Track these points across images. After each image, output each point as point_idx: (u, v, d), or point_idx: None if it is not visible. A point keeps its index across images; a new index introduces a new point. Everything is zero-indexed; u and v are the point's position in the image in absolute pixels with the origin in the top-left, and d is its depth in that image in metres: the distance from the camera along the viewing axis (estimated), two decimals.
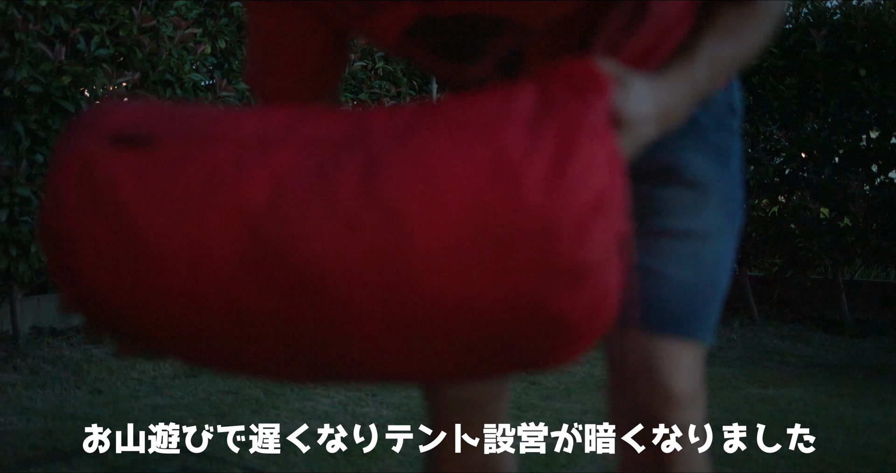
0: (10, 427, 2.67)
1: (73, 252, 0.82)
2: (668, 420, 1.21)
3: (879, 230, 4.77)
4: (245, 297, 0.79)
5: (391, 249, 0.76)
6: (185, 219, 0.78)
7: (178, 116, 0.86)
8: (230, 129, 0.82)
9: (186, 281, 0.79)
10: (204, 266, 0.78)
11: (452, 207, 0.76)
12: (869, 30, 4.67)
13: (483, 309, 0.79)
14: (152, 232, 0.78)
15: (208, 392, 3.14)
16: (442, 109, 0.83)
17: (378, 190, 0.76)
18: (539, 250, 0.77)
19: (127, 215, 0.79)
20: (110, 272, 0.80)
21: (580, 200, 0.77)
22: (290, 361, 0.86)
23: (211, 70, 4.16)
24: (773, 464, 2.48)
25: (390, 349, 0.82)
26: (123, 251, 0.79)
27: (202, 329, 0.82)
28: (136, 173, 0.80)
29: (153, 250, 0.78)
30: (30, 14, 3.29)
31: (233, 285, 0.78)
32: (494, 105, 0.81)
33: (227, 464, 2.36)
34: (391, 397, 3.12)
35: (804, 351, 4.36)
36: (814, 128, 4.82)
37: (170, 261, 0.78)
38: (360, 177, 0.77)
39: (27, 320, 3.81)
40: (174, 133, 0.82)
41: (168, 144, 0.81)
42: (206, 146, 0.80)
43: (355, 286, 0.77)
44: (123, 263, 0.80)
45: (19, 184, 3.30)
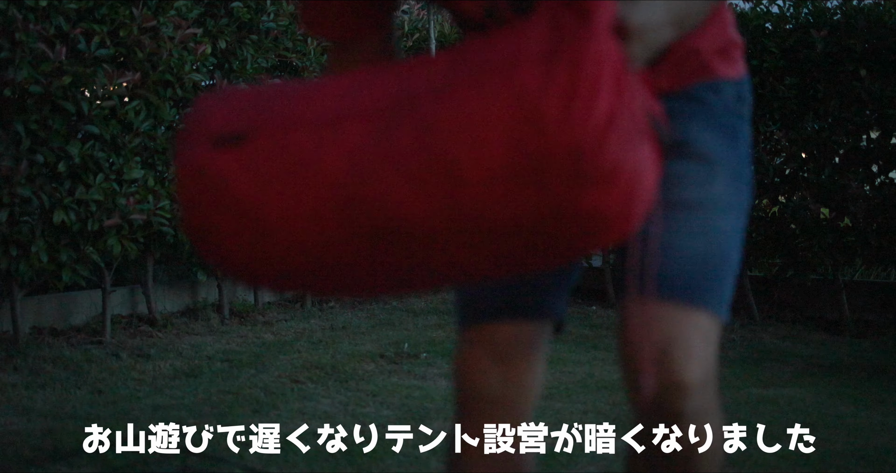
0: (10, 427, 2.67)
1: (212, 241, 1.06)
2: (679, 387, 1.23)
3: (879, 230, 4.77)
4: (342, 243, 1.01)
5: (451, 193, 0.96)
6: (286, 196, 0.99)
7: (261, 107, 1.03)
8: (304, 114, 1.00)
9: (298, 241, 1.02)
10: (308, 228, 1.00)
11: (492, 149, 0.94)
12: (869, 30, 4.66)
13: (533, 218, 0.99)
14: (264, 211, 1.00)
15: (208, 392, 3.14)
16: (468, 57, 0.99)
17: (431, 147, 0.95)
18: (568, 166, 0.94)
19: (241, 203, 1.00)
20: (243, 247, 1.04)
21: (594, 120, 0.93)
22: (378, 282, 1.11)
23: (211, 70, 4.16)
24: (773, 464, 2.48)
25: (460, 257, 1.04)
26: (247, 229, 1.02)
27: (315, 270, 1.06)
28: (239, 168, 1.00)
29: (269, 224, 1.01)
30: (30, 14, 3.29)
31: (332, 237, 1.01)
32: (511, 46, 0.97)
33: (227, 464, 2.36)
34: (391, 397, 3.13)
35: (804, 351, 4.36)
36: (814, 128, 4.82)
37: (283, 230, 1.01)
38: (414, 139, 0.96)
39: (27, 320, 3.81)
40: (260, 125, 1.00)
41: (257, 138, 1.00)
42: (288, 134, 0.99)
43: (425, 224, 0.98)
44: (250, 238, 1.02)
45: (19, 184, 3.30)
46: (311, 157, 0.98)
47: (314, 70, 4.73)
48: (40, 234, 3.43)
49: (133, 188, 3.68)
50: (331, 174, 0.98)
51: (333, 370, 3.49)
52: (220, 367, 3.53)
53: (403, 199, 0.98)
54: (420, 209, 0.98)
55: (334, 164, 0.98)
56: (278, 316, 4.55)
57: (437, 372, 3.54)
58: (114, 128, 3.59)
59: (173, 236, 3.91)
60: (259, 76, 4.32)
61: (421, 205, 0.98)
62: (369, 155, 0.97)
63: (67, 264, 3.54)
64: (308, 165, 0.99)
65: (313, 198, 0.99)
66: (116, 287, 4.12)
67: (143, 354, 3.63)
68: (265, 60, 4.40)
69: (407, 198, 0.97)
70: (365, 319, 4.63)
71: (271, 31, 4.40)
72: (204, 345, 3.85)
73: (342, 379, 3.38)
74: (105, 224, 3.55)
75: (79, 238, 3.57)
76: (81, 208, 3.50)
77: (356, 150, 0.98)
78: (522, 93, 0.93)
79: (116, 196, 3.58)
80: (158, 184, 3.84)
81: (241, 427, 2.46)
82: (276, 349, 3.86)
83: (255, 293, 4.74)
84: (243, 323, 4.37)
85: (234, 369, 3.50)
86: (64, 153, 3.45)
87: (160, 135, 3.81)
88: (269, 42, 4.39)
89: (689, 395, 1.24)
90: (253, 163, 1.00)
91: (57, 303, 3.99)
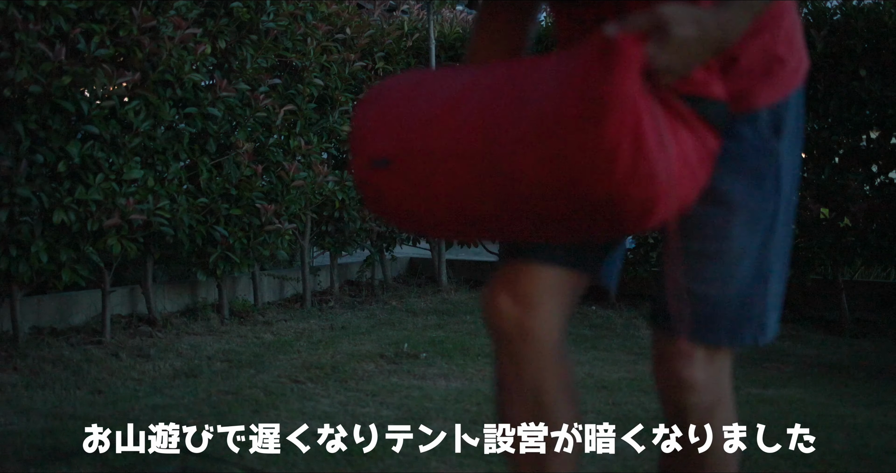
0: (10, 427, 2.67)
1: (384, 216, 1.48)
2: (686, 403, 1.42)
3: (879, 230, 4.77)
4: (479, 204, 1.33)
5: (512, 195, 1.28)
6: (418, 204, 1.38)
7: (402, 135, 1.36)
8: (427, 145, 1.34)
9: (433, 222, 1.43)
10: (431, 220, 1.42)
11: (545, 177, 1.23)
12: (869, 30, 4.66)
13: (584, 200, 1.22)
14: (411, 210, 1.41)
15: (208, 392, 3.14)
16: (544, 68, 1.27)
17: (509, 175, 1.26)
18: (606, 173, 1.17)
19: (393, 205, 1.41)
20: (403, 221, 1.48)
21: (619, 170, 1.16)
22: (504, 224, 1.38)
23: (211, 70, 4.16)
24: (773, 464, 2.48)
25: (527, 227, 1.35)
26: (401, 216, 1.44)
27: (458, 224, 1.43)
28: (388, 183, 1.38)
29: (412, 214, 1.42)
30: (30, 14, 3.29)
31: (448, 221, 1.41)
32: (568, 69, 1.21)
33: (227, 464, 2.36)
34: (391, 397, 3.13)
35: (804, 351, 4.35)
36: (814, 128, 4.82)
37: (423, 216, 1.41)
38: (521, 135, 1.24)
39: (27, 320, 3.81)
40: (400, 154, 1.36)
41: (399, 162, 1.36)
42: (416, 162, 1.35)
43: (536, 192, 1.25)
44: (406, 218, 1.44)
45: (19, 184, 3.30)
46: (430, 180, 1.35)
47: (314, 70, 4.74)
48: (40, 234, 3.43)
49: (133, 188, 3.68)
50: (444, 195, 1.35)
51: (333, 370, 3.49)
52: (220, 367, 3.52)
53: (485, 207, 1.33)
54: (489, 209, 1.33)
55: (443, 189, 1.34)
56: (278, 316, 4.55)
57: (437, 372, 3.54)
58: (113, 128, 3.59)
59: (173, 236, 3.91)
60: (259, 76, 4.33)
61: (540, 173, 1.24)
62: (465, 191, 1.33)
63: (67, 264, 3.54)
64: (429, 186, 1.35)
65: (434, 208, 1.38)
66: (116, 287, 4.12)
67: (142, 354, 3.63)
68: (265, 60, 4.40)
69: (485, 205, 1.32)
70: (365, 319, 4.63)
71: (271, 30, 4.40)
72: (204, 345, 3.85)
73: (342, 379, 3.38)
74: (105, 224, 3.55)
75: (78, 238, 3.57)
76: (81, 208, 3.50)
77: (458, 186, 1.33)
78: (562, 149, 1.19)
79: (116, 196, 3.58)
80: (158, 184, 3.84)
81: (241, 427, 2.46)
82: (275, 349, 3.86)
83: (254, 293, 4.74)
84: (243, 323, 4.37)
85: (234, 369, 3.50)
86: (64, 153, 3.45)
87: (160, 135, 3.81)
88: (268, 42, 4.39)
89: (692, 390, 1.41)
90: (396, 181, 1.37)
91: (57, 303, 3.99)
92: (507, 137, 1.25)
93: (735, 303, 1.40)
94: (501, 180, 1.27)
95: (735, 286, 1.39)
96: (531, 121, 1.22)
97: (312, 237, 5.05)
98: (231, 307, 4.53)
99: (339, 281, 5.38)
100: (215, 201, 4.12)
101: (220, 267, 4.25)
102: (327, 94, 4.95)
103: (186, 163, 4.10)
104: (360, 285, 5.56)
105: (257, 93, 4.29)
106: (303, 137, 4.67)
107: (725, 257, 1.39)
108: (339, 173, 4.97)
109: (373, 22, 5.66)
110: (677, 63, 1.19)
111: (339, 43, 5.04)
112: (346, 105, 5.03)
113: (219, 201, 4.14)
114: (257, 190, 4.28)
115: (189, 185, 4.09)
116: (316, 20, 4.81)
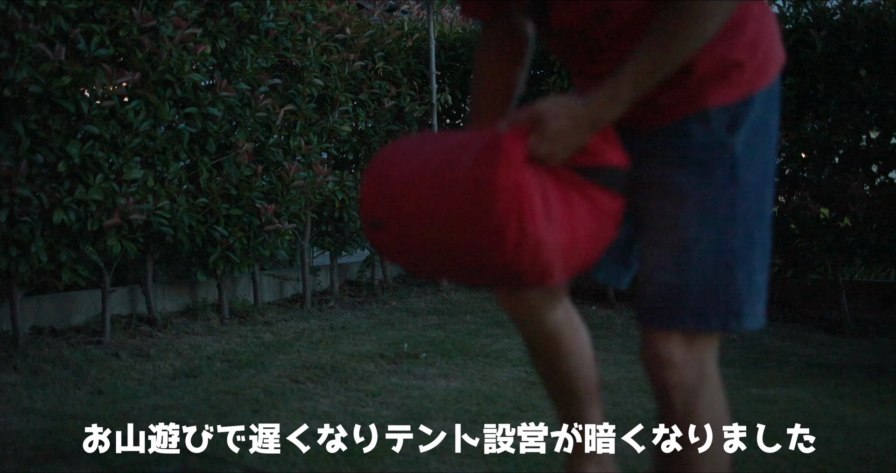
0: (10, 427, 2.67)
1: (401, 266, 1.82)
2: (667, 381, 1.52)
3: (879, 230, 4.77)
4: (422, 262, 1.63)
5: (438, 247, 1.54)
6: (405, 255, 1.63)
7: (388, 204, 1.57)
8: (403, 210, 1.54)
9: (415, 262, 1.65)
10: (414, 263, 1.66)
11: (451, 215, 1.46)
12: (869, 30, 4.66)
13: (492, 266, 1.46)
14: (404, 260, 1.65)
15: (208, 392, 3.14)
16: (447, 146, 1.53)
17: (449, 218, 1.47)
18: (498, 247, 1.40)
19: (389, 255, 1.66)
20: (399, 260, 1.67)
21: (510, 224, 1.37)
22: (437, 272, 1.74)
23: (211, 70, 4.16)
24: (773, 464, 2.48)
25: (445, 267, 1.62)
26: (399, 258, 1.66)
27: (438, 272, 1.75)
28: (383, 241, 1.62)
29: (403, 260, 1.66)
30: (30, 14, 3.29)
31: (420, 260, 1.63)
32: (467, 150, 1.45)
33: (227, 464, 2.35)
34: (391, 397, 3.13)
35: (804, 351, 4.36)
36: (814, 128, 4.82)
37: (409, 259, 1.64)
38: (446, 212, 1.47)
39: (27, 320, 3.81)
40: (387, 219, 1.58)
41: (386, 228, 1.59)
42: (396, 225, 1.57)
43: (462, 259, 1.49)
44: (402, 258, 1.65)
45: (19, 184, 3.30)
46: (406, 239, 1.57)
47: (314, 70, 4.74)
48: (40, 234, 3.43)
49: (133, 188, 3.68)
50: (418, 251, 1.58)
51: (333, 370, 3.49)
52: (220, 367, 3.53)
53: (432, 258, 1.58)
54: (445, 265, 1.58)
55: (415, 246, 1.57)
56: (278, 316, 4.55)
57: (437, 372, 3.54)
58: (113, 128, 3.59)
59: (173, 236, 3.91)
60: (259, 76, 4.33)
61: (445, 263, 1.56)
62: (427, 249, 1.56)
63: (67, 264, 3.54)
64: (406, 243, 1.58)
65: (415, 260, 1.63)
66: (116, 287, 4.12)
67: (142, 354, 3.63)
68: (265, 60, 4.40)
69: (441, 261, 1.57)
70: (365, 319, 4.63)
71: (271, 30, 4.40)
72: (204, 345, 3.85)
73: (342, 379, 3.38)
74: (105, 224, 3.55)
75: (78, 238, 3.57)
76: (81, 208, 3.50)
77: (420, 246, 1.57)
78: (466, 228, 1.43)
79: (116, 196, 3.58)
80: (158, 184, 3.84)
81: (241, 427, 2.46)
82: (275, 349, 3.86)
83: (254, 293, 4.74)
84: (243, 323, 4.37)
85: (234, 369, 3.50)
86: (64, 153, 3.45)
87: (160, 135, 3.81)
88: (268, 42, 4.39)
89: (671, 368, 1.51)
90: (387, 239, 1.61)
91: (57, 303, 3.99)
92: (438, 211, 1.48)
93: (696, 290, 1.48)
94: (439, 245, 1.51)
95: (694, 273, 1.48)
96: (450, 201, 1.45)
97: (312, 237, 5.05)
98: (231, 307, 4.53)
99: (339, 281, 5.38)
100: (215, 201, 4.12)
101: (220, 267, 4.26)
102: (327, 94, 4.96)
103: (186, 163, 4.10)
104: (360, 285, 5.56)
105: (257, 93, 4.29)
106: (303, 137, 4.67)
107: (680, 245, 1.49)
108: (339, 173, 4.97)
109: (373, 22, 5.66)
110: (557, 150, 1.40)
111: (339, 43, 5.04)
112: (346, 105, 5.04)
113: (219, 201, 4.14)
114: (257, 190, 4.28)
115: (189, 185, 4.09)
116: (316, 20, 4.81)
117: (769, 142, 1.55)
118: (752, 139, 1.51)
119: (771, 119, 1.55)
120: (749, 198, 1.50)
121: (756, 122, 1.51)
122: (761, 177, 1.53)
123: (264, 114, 4.33)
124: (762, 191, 1.53)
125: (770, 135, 1.55)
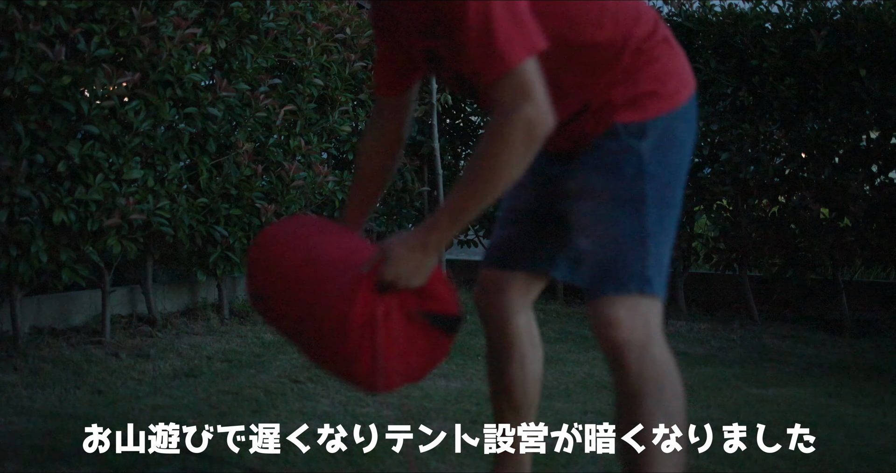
0: (10, 427, 2.67)
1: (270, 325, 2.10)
2: (616, 340, 1.69)
3: (879, 230, 4.77)
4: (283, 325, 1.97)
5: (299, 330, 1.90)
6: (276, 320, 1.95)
7: (269, 279, 1.89)
8: (277, 289, 1.87)
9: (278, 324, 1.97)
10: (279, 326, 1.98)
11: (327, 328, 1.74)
12: (869, 30, 4.67)
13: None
14: (274, 322, 1.98)
15: (208, 392, 3.14)
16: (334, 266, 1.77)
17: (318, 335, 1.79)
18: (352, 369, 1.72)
19: (267, 318, 2.01)
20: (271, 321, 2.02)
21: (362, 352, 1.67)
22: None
23: (211, 70, 4.16)
24: (773, 464, 2.48)
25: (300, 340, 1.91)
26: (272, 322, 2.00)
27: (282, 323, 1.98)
28: (260, 311, 1.99)
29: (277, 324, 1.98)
30: (30, 14, 3.29)
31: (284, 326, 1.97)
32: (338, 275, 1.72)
33: (227, 464, 2.36)
34: (391, 397, 3.12)
35: (804, 351, 4.36)
36: (814, 128, 4.82)
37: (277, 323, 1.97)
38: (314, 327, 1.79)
39: (27, 320, 3.81)
40: (266, 294, 1.91)
41: (267, 300, 1.91)
42: (269, 299, 1.91)
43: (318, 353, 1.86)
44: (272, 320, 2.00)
45: (19, 184, 3.30)
46: (277, 315, 1.92)
47: (314, 70, 4.74)
48: (40, 234, 3.43)
49: (133, 188, 3.67)
50: (284, 320, 1.92)
51: None
52: (220, 367, 3.53)
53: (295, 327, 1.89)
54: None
55: (285, 321, 1.91)
56: None
57: (437, 372, 3.54)
58: (113, 128, 3.59)
59: (172, 236, 3.91)
60: (259, 76, 4.33)
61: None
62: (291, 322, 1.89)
63: (67, 264, 3.54)
64: (277, 317, 1.93)
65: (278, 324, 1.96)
66: (116, 287, 4.12)
67: (142, 354, 3.63)
68: (265, 60, 4.39)
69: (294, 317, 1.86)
70: None
71: (271, 30, 4.40)
72: (204, 345, 3.85)
73: None
74: (105, 224, 3.55)
75: (78, 238, 3.57)
76: (81, 208, 3.50)
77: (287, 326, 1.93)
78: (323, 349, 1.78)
79: (116, 196, 3.58)
80: (158, 184, 3.84)
81: (241, 427, 2.46)
82: (276, 349, 3.86)
83: None
84: (243, 323, 4.37)
85: (234, 369, 3.50)
86: (64, 153, 3.45)
87: (160, 135, 3.81)
88: (268, 42, 4.39)
89: (619, 326, 1.68)
90: (265, 309, 1.95)
91: (57, 303, 3.99)
92: (306, 316, 1.77)
93: (618, 261, 1.72)
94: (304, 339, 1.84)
95: (614, 247, 1.73)
96: (316, 316, 1.73)
97: None
98: (231, 307, 4.53)
99: None
100: (215, 201, 4.12)
101: (220, 267, 4.26)
102: (327, 94, 4.95)
103: (186, 163, 4.10)
104: None
105: (257, 93, 4.29)
106: (303, 137, 4.67)
107: (602, 228, 1.74)
108: (339, 173, 4.97)
109: None
110: (400, 273, 1.66)
111: (339, 43, 5.04)
112: (345, 105, 5.03)
113: (219, 201, 4.14)
114: (257, 190, 4.28)
115: (189, 185, 4.09)
116: (316, 20, 4.80)
117: (679, 147, 1.78)
118: (661, 142, 1.74)
119: (680, 128, 1.78)
120: (657, 187, 1.74)
121: (664, 131, 1.75)
122: (672, 173, 1.77)
123: (264, 114, 4.33)
124: (672, 183, 1.77)
125: (680, 142, 1.78)
